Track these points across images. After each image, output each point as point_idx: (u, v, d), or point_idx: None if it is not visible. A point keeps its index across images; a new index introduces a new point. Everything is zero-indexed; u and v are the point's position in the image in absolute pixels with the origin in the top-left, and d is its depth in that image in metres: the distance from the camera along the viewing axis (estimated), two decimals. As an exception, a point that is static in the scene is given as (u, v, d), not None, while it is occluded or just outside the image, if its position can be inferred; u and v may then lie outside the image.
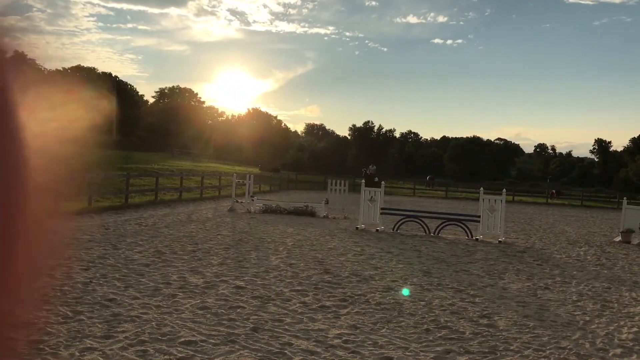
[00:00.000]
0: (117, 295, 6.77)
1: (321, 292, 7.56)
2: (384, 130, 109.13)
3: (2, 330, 0.78)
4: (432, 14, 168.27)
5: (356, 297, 7.39)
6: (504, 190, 16.27)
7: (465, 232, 15.31)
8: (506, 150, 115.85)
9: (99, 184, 21.59)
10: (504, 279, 9.39)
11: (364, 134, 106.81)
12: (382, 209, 16.14)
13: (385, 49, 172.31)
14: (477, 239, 14.77)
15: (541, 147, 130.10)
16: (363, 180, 21.82)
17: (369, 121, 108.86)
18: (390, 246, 12.71)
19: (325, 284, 8.15)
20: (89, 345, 4.91)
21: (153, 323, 5.70)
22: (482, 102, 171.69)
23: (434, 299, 7.59)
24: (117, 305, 6.32)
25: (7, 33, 0.80)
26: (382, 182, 18.15)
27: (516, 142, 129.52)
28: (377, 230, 15.58)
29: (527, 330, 6.26)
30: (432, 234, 15.31)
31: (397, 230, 15.68)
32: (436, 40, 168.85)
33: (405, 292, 8.03)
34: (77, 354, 4.71)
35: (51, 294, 6.61)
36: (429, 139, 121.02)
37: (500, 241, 14.59)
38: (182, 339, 5.24)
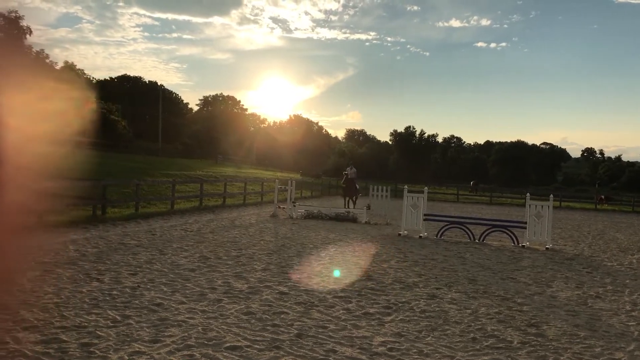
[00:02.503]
0: (164, 299, 6.90)
1: (364, 299, 7.52)
2: (426, 135, 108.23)
3: None
4: (475, 18, 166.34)
5: (400, 305, 7.32)
6: (551, 195, 15.86)
7: (511, 238, 14.99)
8: (552, 154, 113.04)
9: (146, 190, 22.11)
10: (552, 287, 9.14)
11: (406, 139, 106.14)
12: (425, 215, 15.97)
13: (427, 54, 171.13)
14: (523, 246, 14.44)
15: (589, 152, 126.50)
16: (343, 180, 23.57)
17: (410, 126, 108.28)
18: (434, 253, 12.56)
19: (368, 290, 8.10)
20: (137, 349, 5.02)
21: (199, 328, 5.77)
22: (526, 105, 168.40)
23: (480, 307, 7.45)
24: (164, 309, 6.44)
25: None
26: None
27: (562, 147, 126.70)
28: (420, 236, 15.42)
29: (577, 340, 6.07)
30: (476, 241, 15.06)
31: (440, 237, 15.48)
32: (479, 44, 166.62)
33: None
34: (126, 357, 4.81)
35: (100, 298, 6.79)
36: (472, 144, 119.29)
37: (547, 248, 14.23)
38: (228, 344, 5.29)
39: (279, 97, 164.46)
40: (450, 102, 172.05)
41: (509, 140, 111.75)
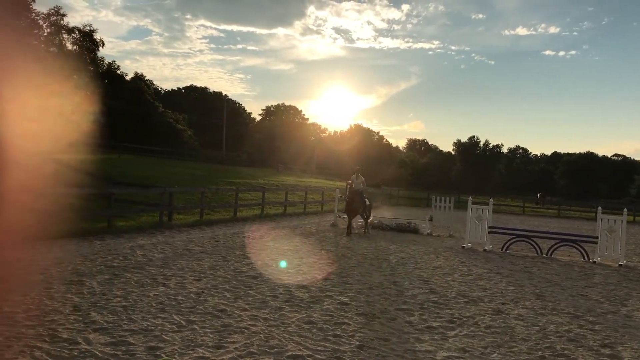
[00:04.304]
0: (227, 306, 6.99)
1: (427, 312, 7.37)
2: (490, 145, 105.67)
3: None
4: (542, 25, 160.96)
5: (464, 319, 7.13)
6: (625, 209, 15.09)
7: (581, 253, 14.36)
8: (624, 166, 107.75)
9: (210, 198, 22.61)
10: (627, 306, 8.67)
11: (469, 149, 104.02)
12: (490, 227, 15.55)
13: (492, 62, 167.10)
14: (594, 262, 13.80)
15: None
16: (346, 193, 17.62)
17: (474, 136, 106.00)
18: (499, 267, 12.19)
19: (431, 304, 7.94)
20: (201, 355, 5.09)
21: (261, 335, 5.81)
22: (597, 116, 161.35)
23: (548, 324, 7.15)
24: (227, 316, 6.52)
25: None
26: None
27: (636, 158, 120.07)
28: (485, 249, 15.01)
29: (657, 364, 5.71)
30: (544, 255, 14.51)
31: (506, 250, 15.02)
32: (547, 52, 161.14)
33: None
34: (191, 362, 4.90)
35: (166, 303, 6.95)
36: (538, 155, 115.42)
37: (620, 264, 13.53)
38: (289, 353, 5.29)
39: (339, 107, 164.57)
40: (516, 111, 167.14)
41: (577, 152, 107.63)
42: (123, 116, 61.68)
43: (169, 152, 58.85)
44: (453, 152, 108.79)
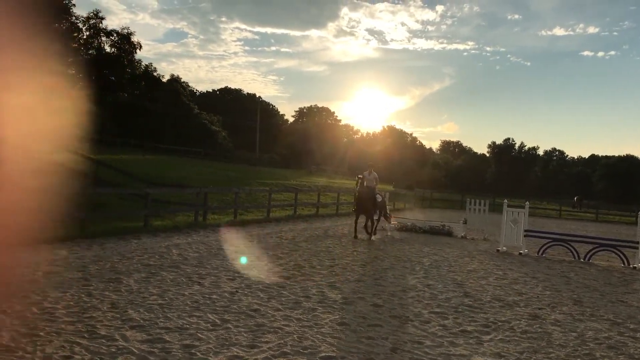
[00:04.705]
0: (260, 306, 7.04)
1: (462, 316, 7.29)
2: (525, 147, 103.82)
3: None
4: (581, 25, 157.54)
5: (500, 324, 7.02)
6: (668, 214, 14.63)
7: (621, 259, 13.99)
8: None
9: (243, 198, 22.81)
10: (670, 314, 8.40)
11: (504, 151, 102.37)
12: (526, 230, 15.28)
13: (528, 63, 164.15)
14: (634, 267, 13.43)
15: None
16: (356, 189, 15.86)
17: (509, 138, 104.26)
18: (535, 271, 11.97)
19: (465, 307, 7.84)
20: (235, 354, 5.14)
21: (294, 336, 5.83)
22: (637, 118, 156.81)
23: (587, 330, 6.99)
24: (261, 315, 6.57)
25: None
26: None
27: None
28: (520, 253, 14.75)
29: (702, 374, 5.52)
30: (581, 260, 14.19)
31: (542, 254, 14.73)
32: (585, 53, 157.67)
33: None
34: (226, 360, 4.95)
35: (201, 302, 7.04)
36: (575, 158, 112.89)
37: (663, 271, 13.13)
38: (323, 354, 5.29)
39: (372, 108, 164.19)
40: (552, 113, 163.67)
41: (616, 155, 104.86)
42: (159, 117, 62.74)
43: (203, 153, 59.60)
44: (487, 154, 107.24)
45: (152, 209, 15.53)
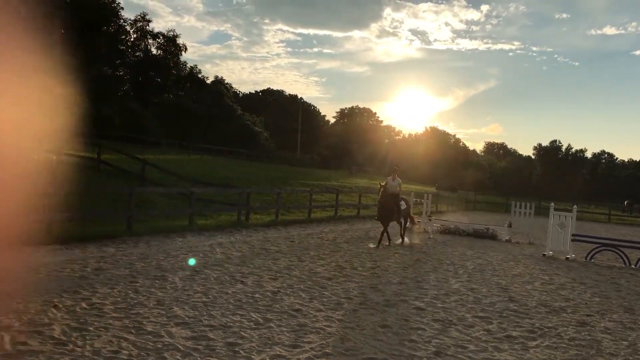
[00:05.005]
0: (302, 305, 7.07)
1: (506, 321, 7.14)
2: (573, 150, 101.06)
3: None
4: (633, 24, 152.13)
5: (546, 330, 6.85)
6: None
7: (675, 266, 13.44)
8: None
9: (285, 199, 22.94)
10: None
11: (551, 153, 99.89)
12: (573, 235, 14.86)
13: (576, 64, 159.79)
14: (690, 275, 12.89)
15: None
16: (380, 190, 14.68)
17: (556, 140, 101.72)
18: (583, 277, 11.63)
19: (510, 312, 7.68)
20: (278, 353, 5.17)
21: (336, 336, 5.83)
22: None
23: (638, 339, 6.74)
24: (303, 315, 6.59)
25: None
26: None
27: None
28: (567, 258, 14.36)
29: None
30: (632, 266, 13.70)
31: (590, 260, 14.30)
32: (638, 52, 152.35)
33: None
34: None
35: (244, 300, 7.11)
36: (625, 160, 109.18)
37: None
38: (365, 356, 5.28)
39: (414, 109, 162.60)
40: (601, 115, 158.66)
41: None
42: (204, 118, 63.78)
43: (246, 154, 60.27)
44: (533, 157, 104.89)
45: (197, 208, 15.78)
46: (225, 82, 79.33)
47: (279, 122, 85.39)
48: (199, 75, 72.18)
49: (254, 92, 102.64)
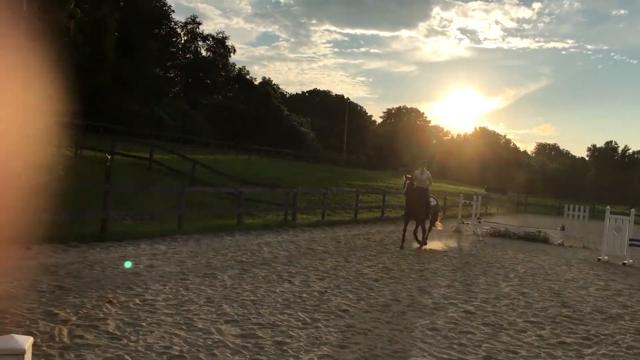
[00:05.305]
0: (349, 306, 7.06)
1: (560, 327, 6.94)
2: (630, 151, 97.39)
3: None
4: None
5: (602, 337, 6.62)
6: None
7: None
8: None
9: (331, 199, 22.98)
10: None
11: (606, 155, 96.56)
12: (631, 239, 14.31)
13: (634, 62, 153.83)
14: None
15: None
16: (406, 183, 13.78)
17: (612, 141, 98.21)
18: (641, 283, 11.18)
19: (564, 318, 7.46)
20: (326, 353, 5.18)
21: (384, 338, 5.79)
22: None
23: (702, 350, 6.43)
24: (350, 316, 6.58)
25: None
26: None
27: None
28: (624, 263, 13.84)
29: None
30: (695, 273, 13.09)
31: (649, 265, 13.74)
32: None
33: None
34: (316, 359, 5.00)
35: (291, 300, 7.15)
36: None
37: None
38: (413, 358, 5.22)
39: (463, 109, 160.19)
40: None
41: None
42: (252, 119, 64.56)
43: (292, 154, 60.66)
44: (587, 158, 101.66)
45: (245, 208, 15.99)
46: (273, 83, 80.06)
47: (325, 122, 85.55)
48: (247, 77, 73.10)
49: (300, 92, 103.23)
